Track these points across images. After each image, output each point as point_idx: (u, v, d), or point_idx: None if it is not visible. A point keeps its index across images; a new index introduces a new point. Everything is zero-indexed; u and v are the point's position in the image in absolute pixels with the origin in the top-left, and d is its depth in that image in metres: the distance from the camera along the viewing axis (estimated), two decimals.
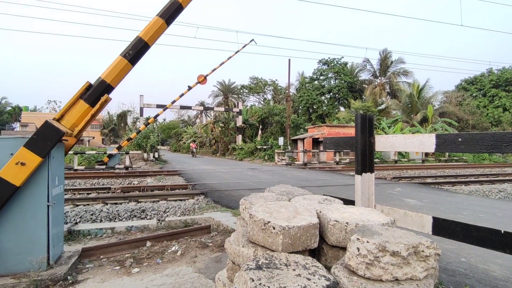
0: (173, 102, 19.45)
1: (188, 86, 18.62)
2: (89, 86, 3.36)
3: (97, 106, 3.34)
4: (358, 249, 1.34)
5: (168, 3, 3.71)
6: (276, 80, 48.64)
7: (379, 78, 38.00)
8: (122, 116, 54.19)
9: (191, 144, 35.69)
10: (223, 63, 19.47)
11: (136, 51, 3.52)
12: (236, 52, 19.61)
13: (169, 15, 3.67)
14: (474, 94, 39.12)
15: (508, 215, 5.51)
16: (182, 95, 18.93)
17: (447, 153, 23.67)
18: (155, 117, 19.59)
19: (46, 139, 2.91)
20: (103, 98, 3.35)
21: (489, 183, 11.12)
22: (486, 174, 13.89)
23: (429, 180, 11.61)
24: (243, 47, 19.67)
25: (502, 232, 1.83)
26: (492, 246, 1.88)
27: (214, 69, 19.18)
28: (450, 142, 2.08)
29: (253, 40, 19.68)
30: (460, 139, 2.03)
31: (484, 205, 6.52)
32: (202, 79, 18.27)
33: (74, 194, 8.17)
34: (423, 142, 2.26)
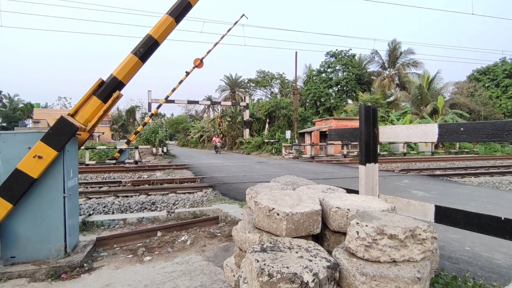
0: (173, 89, 19.56)
1: (186, 72, 18.70)
2: (101, 83, 3.48)
3: (109, 102, 3.47)
4: (358, 232, 1.41)
5: (177, 1, 3.78)
6: (283, 73, 48.40)
7: (388, 69, 37.41)
8: (131, 111, 54.87)
9: (214, 138, 29.18)
10: (216, 43, 19.35)
11: (147, 48, 3.62)
12: (229, 30, 19.49)
13: (178, 13, 3.75)
14: (486, 85, 38.17)
15: None
16: (181, 81, 19.05)
17: (457, 145, 23.30)
18: (158, 107, 20.04)
19: (61, 134, 3.05)
20: (115, 95, 3.48)
21: (499, 174, 10.98)
22: (497, 166, 13.68)
23: (438, 172, 11.51)
24: (234, 24, 19.50)
25: (503, 219, 1.87)
26: (492, 233, 1.92)
27: (209, 51, 19.09)
28: (452, 132, 2.11)
29: (244, 15, 19.44)
30: (462, 129, 2.06)
31: (492, 196, 6.48)
32: (199, 63, 18.28)
33: (87, 187, 8.41)
34: (425, 132, 2.30)
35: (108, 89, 3.47)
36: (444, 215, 2.19)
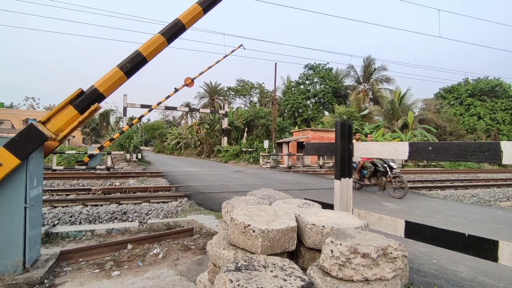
0: (159, 103, 19.17)
1: (175, 88, 18.39)
2: (80, 93, 3.30)
3: (86, 113, 3.31)
4: (332, 251, 1.42)
5: (172, 22, 3.73)
6: (263, 83, 49.05)
7: (363, 84, 39.01)
8: (105, 115, 52.87)
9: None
10: (210, 66, 19.39)
11: (133, 64, 3.51)
12: (225, 57, 19.58)
13: (171, 34, 3.70)
14: (451, 102, 40.85)
15: (478, 219, 5.81)
16: (168, 97, 18.68)
17: (425, 160, 24.52)
18: (140, 118, 19.24)
19: (28, 142, 2.86)
20: (93, 107, 3.33)
21: (463, 188, 11.65)
22: (461, 179, 14.54)
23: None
24: (232, 52, 19.66)
25: (466, 235, 1.96)
26: (457, 248, 2.01)
27: (202, 72, 19.06)
28: (422, 150, 2.22)
29: (242, 45, 19.70)
30: (430, 148, 2.17)
31: (457, 209, 6.84)
32: (190, 82, 18.07)
33: (53, 195, 7.92)
34: (397, 150, 2.39)
35: (87, 100, 3.30)
36: (414, 231, 2.27)
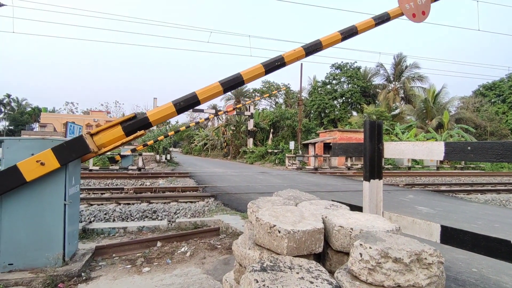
0: (197, 123, 20.41)
1: (216, 113, 19.38)
2: (133, 117, 3.52)
3: (131, 137, 3.56)
4: (361, 254, 1.37)
5: (234, 75, 3.93)
6: (288, 84, 48.63)
7: (393, 83, 37.45)
8: None
9: None
10: (262, 98, 20.15)
11: (187, 104, 3.70)
12: (278, 90, 20.22)
13: (230, 86, 3.88)
14: (492, 100, 37.98)
15: None
16: (207, 119, 19.74)
17: (463, 161, 23.03)
18: (176, 132, 20.42)
19: (72, 151, 3.10)
20: (139, 133, 3.57)
21: (506, 192, 10.76)
22: (504, 183, 13.46)
23: (443, 188, 11.33)
24: (278, 90, 20.34)
25: (511, 242, 1.81)
26: (501, 257, 1.86)
27: (253, 101, 19.81)
28: (459, 150, 2.08)
29: (289, 86, 20.19)
30: (469, 148, 2.02)
31: (500, 215, 6.33)
32: (231, 110, 19.36)
33: (89, 193, 8.41)
34: (432, 150, 2.26)
35: (136, 125, 3.49)
36: (451, 236, 2.13)
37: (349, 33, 4.48)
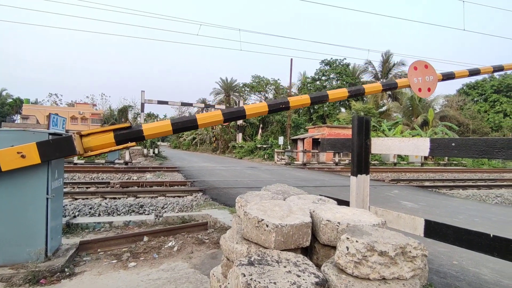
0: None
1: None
2: (127, 127, 3.43)
3: (120, 146, 3.47)
4: (347, 248, 1.38)
5: (236, 108, 4.04)
6: (278, 79, 48.58)
7: (381, 80, 37.99)
8: (123, 111, 54.17)
9: None
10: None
11: (184, 126, 3.70)
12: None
13: (231, 117, 3.93)
14: (475, 99, 39.15)
15: (502, 220, 5.55)
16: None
17: (446, 157, 23.71)
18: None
19: (58, 149, 3.00)
20: (129, 144, 3.48)
21: (486, 188, 11.16)
22: (484, 179, 13.94)
23: (427, 184, 11.65)
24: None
25: (491, 236, 1.87)
26: (481, 250, 1.92)
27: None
28: (444, 147, 2.12)
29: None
30: (453, 144, 2.06)
31: (480, 210, 6.56)
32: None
33: (73, 188, 8.22)
34: (417, 146, 2.30)
35: (129, 136, 3.41)
36: (434, 230, 2.18)
37: (356, 92, 4.90)
